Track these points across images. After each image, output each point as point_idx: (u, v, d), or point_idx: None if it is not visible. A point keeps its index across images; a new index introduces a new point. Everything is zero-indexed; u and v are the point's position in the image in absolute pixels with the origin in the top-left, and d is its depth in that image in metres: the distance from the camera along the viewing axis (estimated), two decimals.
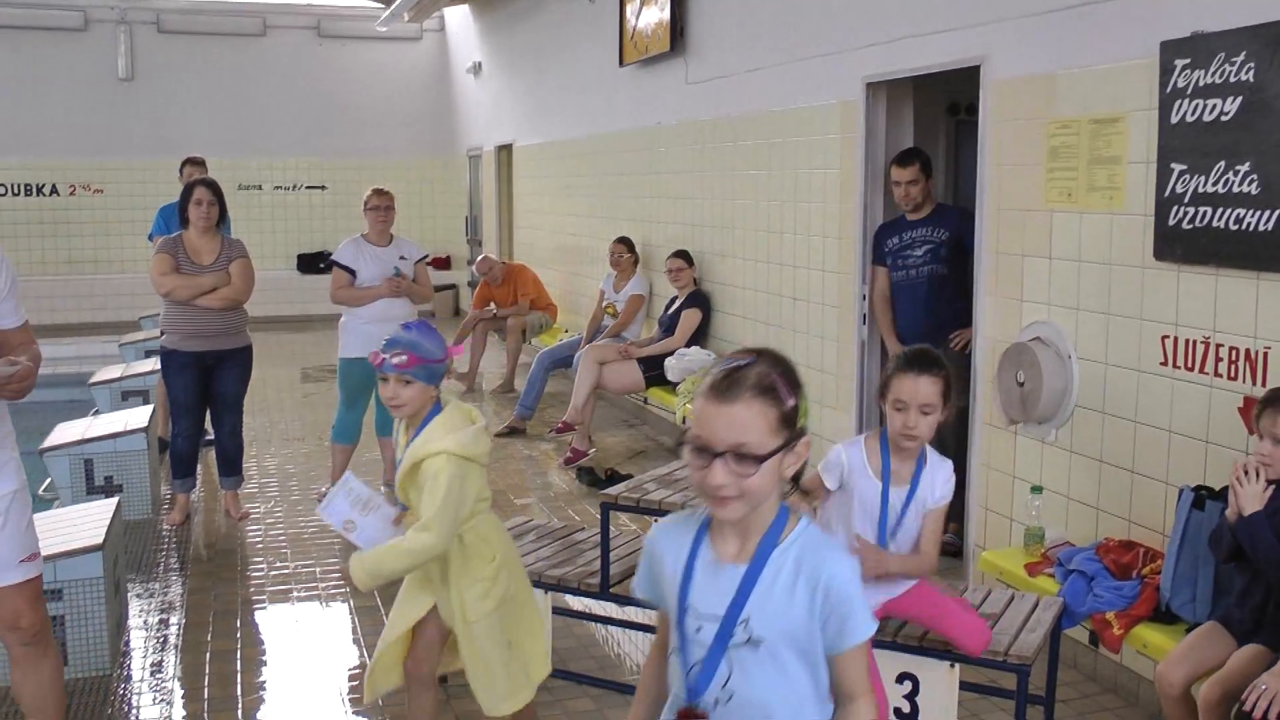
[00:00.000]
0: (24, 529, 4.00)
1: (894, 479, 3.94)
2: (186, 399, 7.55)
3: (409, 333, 4.11)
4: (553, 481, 8.83)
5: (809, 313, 7.72)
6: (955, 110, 7.99)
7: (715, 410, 2.32)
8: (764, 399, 2.32)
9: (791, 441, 2.35)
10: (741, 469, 2.29)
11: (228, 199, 7.78)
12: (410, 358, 4.01)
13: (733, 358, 2.43)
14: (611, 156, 11.86)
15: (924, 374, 3.81)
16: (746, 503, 2.33)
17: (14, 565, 3.95)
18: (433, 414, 4.12)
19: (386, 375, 4.04)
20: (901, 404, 3.81)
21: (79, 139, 18.38)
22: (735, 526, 2.41)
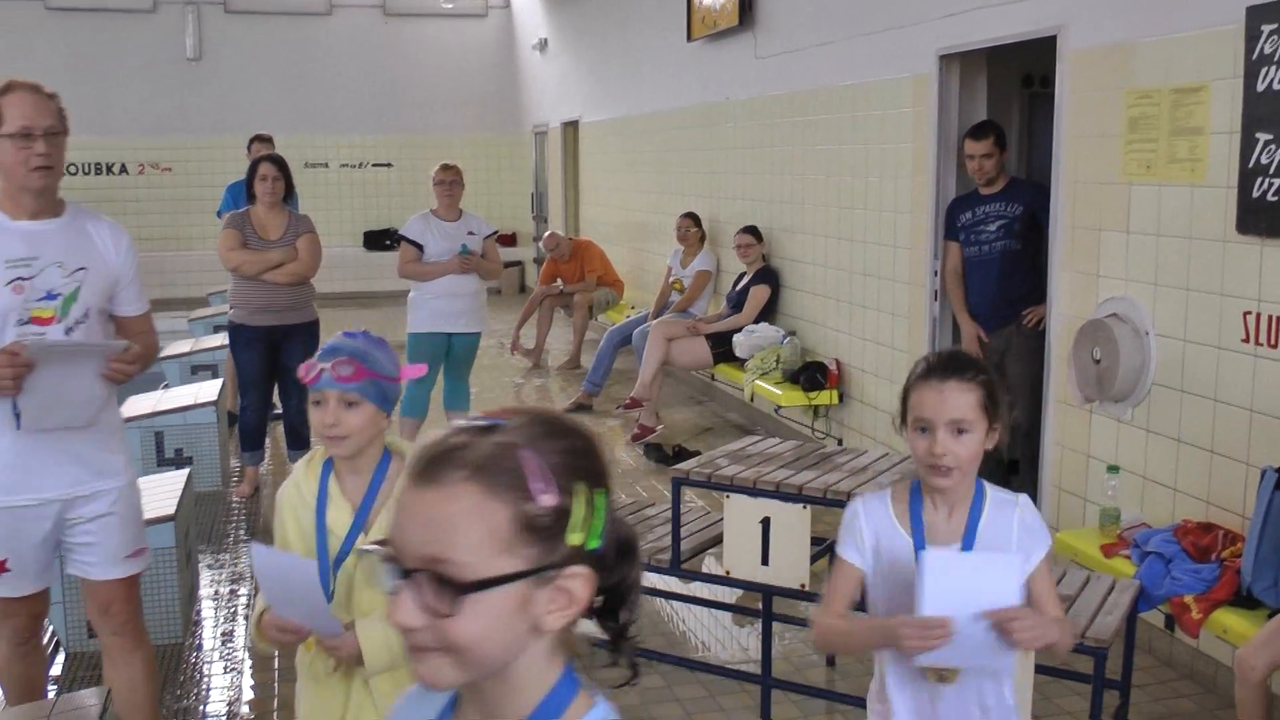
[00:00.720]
0: (132, 523, 3.98)
1: (933, 533, 2.89)
2: (254, 373, 7.60)
3: (354, 340, 3.09)
4: (620, 457, 8.81)
5: (880, 289, 7.63)
6: (1030, 82, 7.86)
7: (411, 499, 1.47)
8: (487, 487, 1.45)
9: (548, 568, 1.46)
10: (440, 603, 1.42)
11: (294, 176, 7.81)
12: (358, 369, 2.99)
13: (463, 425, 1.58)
14: (679, 132, 11.79)
15: (951, 380, 2.79)
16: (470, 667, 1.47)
17: (119, 561, 3.92)
18: (384, 463, 3.07)
19: (324, 394, 3.00)
20: (925, 423, 2.80)
21: (147, 119, 18.56)
22: None
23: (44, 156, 3.60)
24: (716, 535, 5.04)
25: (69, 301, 3.69)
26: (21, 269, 3.63)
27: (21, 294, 3.62)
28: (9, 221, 3.67)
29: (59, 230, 3.73)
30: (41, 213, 3.71)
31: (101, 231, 3.84)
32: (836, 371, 8.11)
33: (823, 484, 4.54)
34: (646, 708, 4.82)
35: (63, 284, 3.68)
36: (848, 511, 3.01)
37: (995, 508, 2.90)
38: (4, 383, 3.46)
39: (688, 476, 4.82)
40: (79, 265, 3.73)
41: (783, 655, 5.24)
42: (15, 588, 3.81)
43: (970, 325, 6.70)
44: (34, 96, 3.63)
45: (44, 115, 3.63)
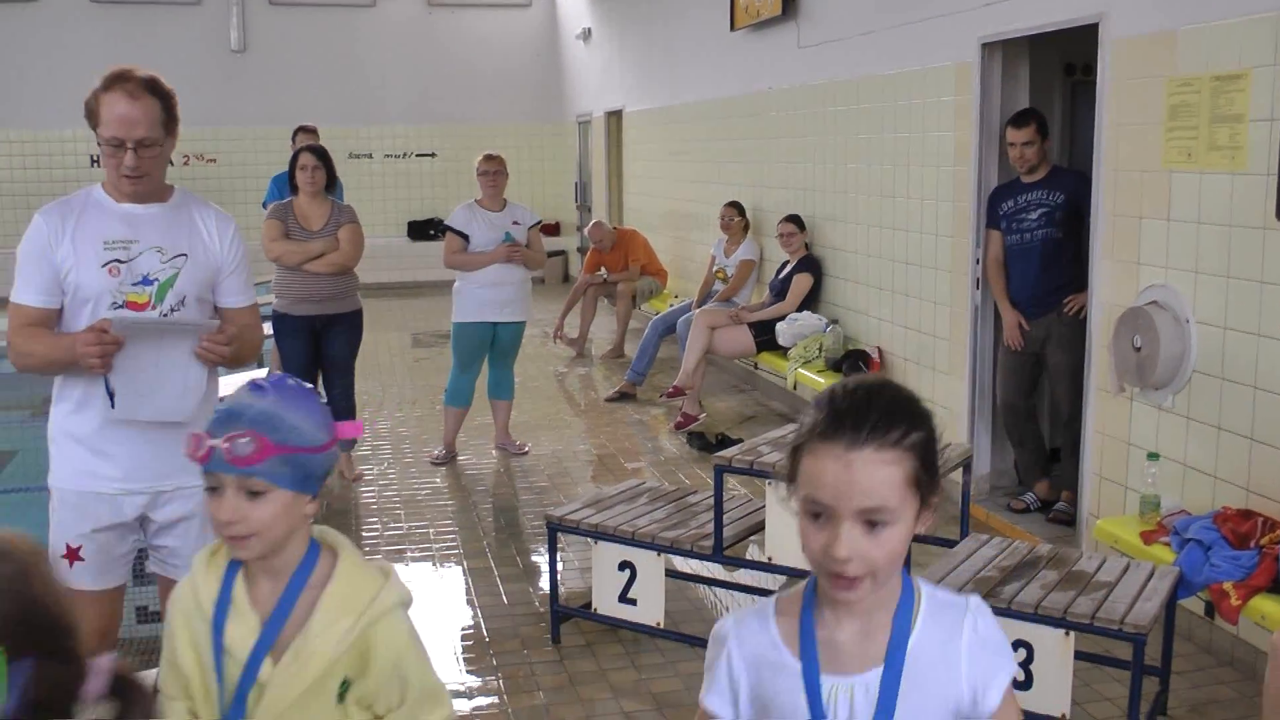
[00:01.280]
0: None
1: (835, 658, 1.97)
2: (298, 361, 7.69)
3: (260, 399, 2.30)
4: (663, 446, 8.87)
5: (921, 277, 7.66)
6: (1071, 70, 7.84)
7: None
8: None
9: None
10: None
11: (339, 167, 7.88)
12: (263, 445, 2.24)
13: None
14: (722, 121, 11.82)
15: (867, 447, 1.86)
16: None
17: None
18: (309, 563, 2.42)
19: (219, 479, 2.27)
20: (821, 508, 1.88)
21: (192, 110, 18.23)
22: None
23: (131, 169, 3.53)
24: (758, 522, 5.09)
25: (165, 288, 3.61)
26: (119, 251, 3.56)
27: (117, 276, 3.55)
28: (112, 204, 3.62)
29: (161, 215, 3.66)
30: (146, 197, 3.64)
31: (208, 219, 3.75)
32: (879, 359, 8.14)
33: None
34: (690, 693, 4.87)
35: (160, 269, 3.61)
36: (713, 640, 2.09)
37: (932, 618, 1.98)
38: (91, 360, 3.40)
39: (730, 464, 4.87)
40: (179, 251, 3.65)
41: None
42: (88, 579, 3.67)
43: (1011, 313, 6.72)
44: (132, 103, 3.51)
45: (138, 126, 3.50)
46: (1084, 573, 4.45)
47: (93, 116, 3.55)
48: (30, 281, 3.55)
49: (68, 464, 3.66)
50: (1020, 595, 4.23)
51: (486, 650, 5.34)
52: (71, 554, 3.64)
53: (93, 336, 3.40)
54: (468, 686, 4.99)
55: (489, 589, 6.07)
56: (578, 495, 7.37)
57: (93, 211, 3.59)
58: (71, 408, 3.64)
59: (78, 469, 3.64)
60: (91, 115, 3.55)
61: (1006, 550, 4.71)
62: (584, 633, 5.46)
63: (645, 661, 5.18)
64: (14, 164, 18.13)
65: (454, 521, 7.13)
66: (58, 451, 3.69)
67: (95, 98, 3.54)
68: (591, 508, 5.43)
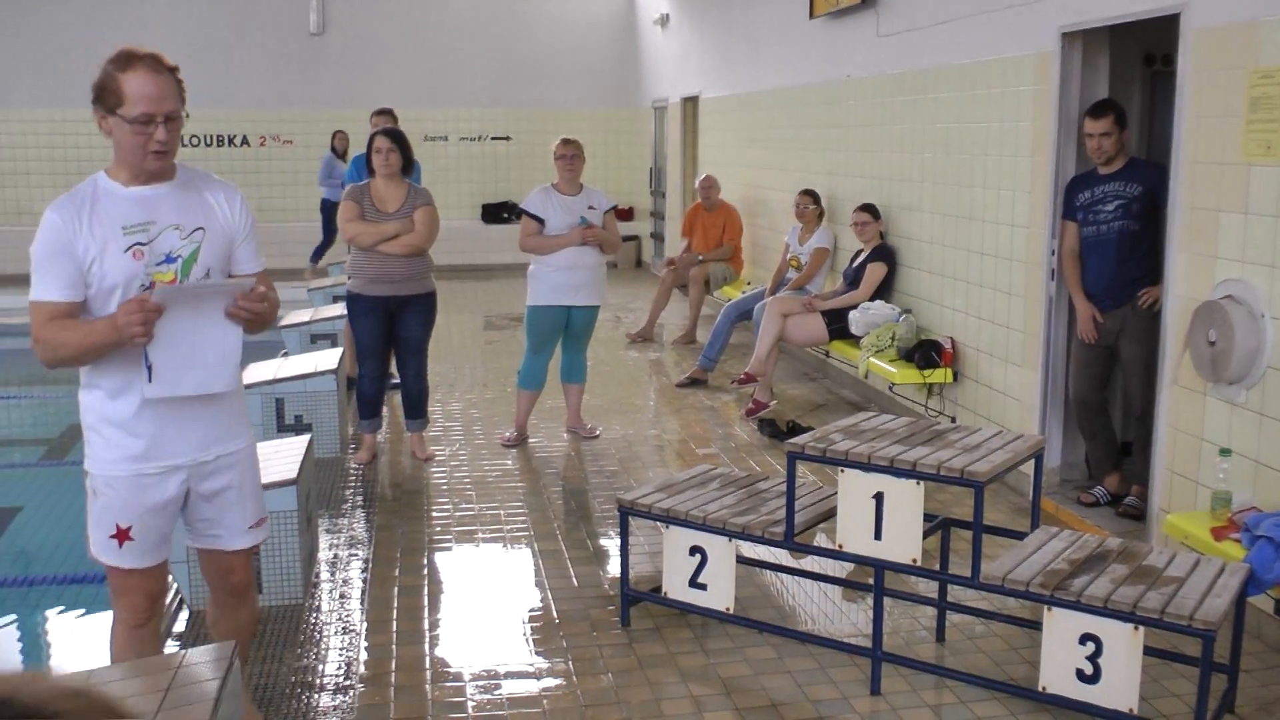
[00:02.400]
0: (253, 495, 4.01)
1: None
2: (371, 342, 7.79)
3: None
4: (734, 432, 8.90)
5: (996, 268, 7.62)
6: (1151, 61, 7.77)
7: None
8: None
9: None
10: None
11: (415, 150, 7.95)
12: None
13: None
14: (799, 109, 11.81)
15: None
16: None
17: (243, 531, 3.99)
18: None
19: None
20: None
21: (270, 91, 18.98)
22: None
23: (162, 143, 3.58)
24: (828, 510, 5.11)
25: (189, 263, 3.69)
26: (139, 234, 3.62)
27: (142, 259, 3.61)
28: (122, 189, 3.66)
29: (172, 193, 3.72)
30: (154, 178, 3.69)
31: (215, 192, 3.83)
32: (951, 350, 8.12)
33: (935, 460, 4.59)
34: (758, 678, 4.92)
35: (181, 246, 3.68)
36: None
37: None
38: (135, 329, 3.43)
39: (802, 451, 4.89)
40: (196, 226, 3.72)
41: (893, 629, 5.31)
42: (139, 558, 3.80)
43: (1085, 305, 6.68)
44: (156, 78, 3.55)
45: (166, 100, 3.56)
46: (1153, 567, 4.44)
47: (111, 96, 3.56)
48: (52, 277, 3.56)
49: (110, 450, 3.72)
50: (1090, 589, 4.22)
51: (556, 632, 5.40)
52: (121, 534, 3.74)
53: (134, 305, 3.44)
54: (537, 668, 5.06)
55: (559, 571, 6.14)
56: (648, 480, 7.42)
57: (105, 199, 3.63)
58: (106, 395, 3.69)
59: (121, 455, 3.71)
60: (108, 96, 3.56)
61: (1076, 543, 4.71)
62: (653, 616, 5.51)
63: (714, 646, 5.22)
64: (93, 143, 18.39)
65: (524, 504, 7.20)
66: (97, 438, 3.74)
67: (112, 78, 3.54)
68: (662, 492, 5.47)
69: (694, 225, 13.15)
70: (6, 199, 18.84)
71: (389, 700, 4.76)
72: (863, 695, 4.77)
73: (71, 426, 9.79)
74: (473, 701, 4.75)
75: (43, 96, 18.54)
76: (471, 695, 4.80)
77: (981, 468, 4.55)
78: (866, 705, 4.70)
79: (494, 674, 4.99)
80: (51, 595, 6.41)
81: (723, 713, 4.65)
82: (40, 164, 18.70)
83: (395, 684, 4.90)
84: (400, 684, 4.90)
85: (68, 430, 9.72)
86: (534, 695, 4.80)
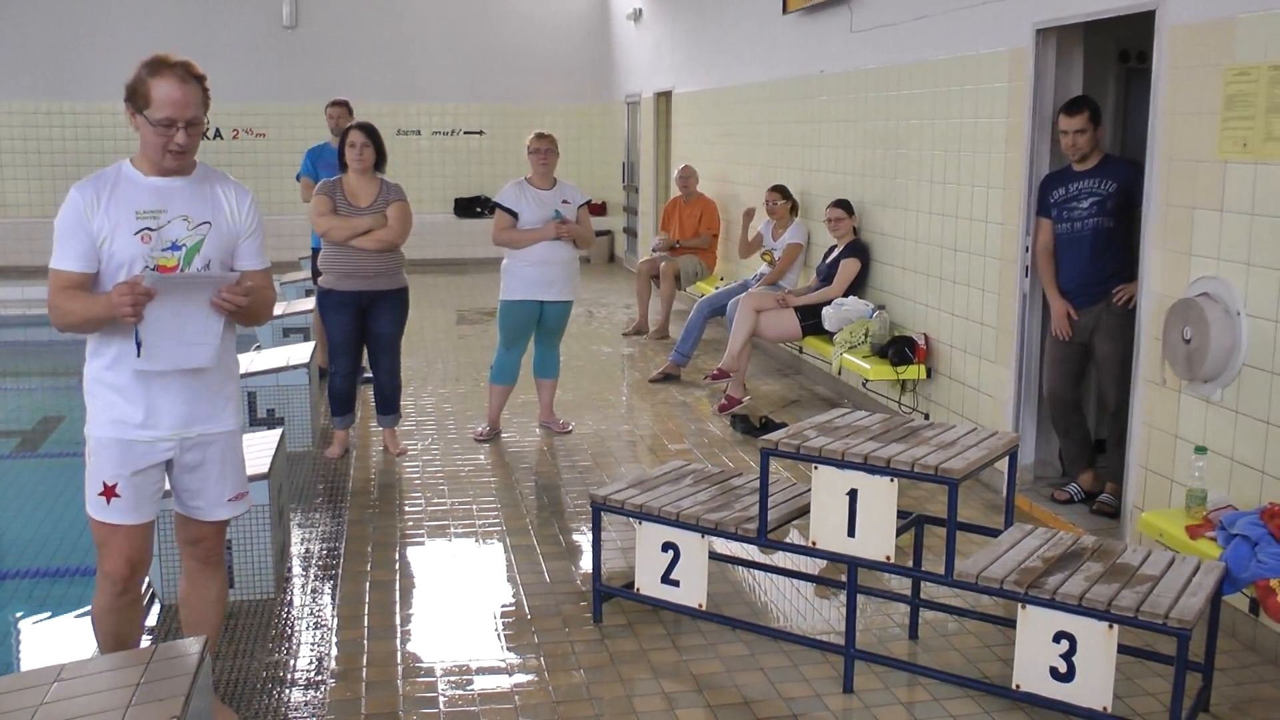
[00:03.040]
0: (236, 468, 4.27)
1: None
2: (343, 337, 7.75)
3: None
4: (707, 428, 8.87)
5: (970, 264, 7.62)
6: (1126, 57, 7.78)
7: None
8: None
9: None
10: None
11: (387, 144, 7.90)
12: None
13: None
14: (772, 105, 11.79)
15: None
16: None
17: (222, 503, 4.24)
18: None
19: None
20: None
21: (244, 85, 18.88)
22: None
23: (181, 145, 3.89)
24: (802, 506, 5.09)
25: (192, 252, 3.97)
26: (149, 220, 3.92)
27: (148, 243, 3.90)
28: (141, 178, 3.96)
29: (186, 187, 4.01)
30: (173, 171, 3.98)
31: (228, 191, 4.11)
32: (925, 346, 8.11)
33: (910, 458, 4.58)
34: (730, 675, 4.89)
35: (187, 236, 3.97)
36: None
37: None
38: (124, 309, 3.71)
39: (776, 447, 4.86)
40: (203, 220, 4.01)
41: (865, 627, 5.29)
42: (124, 514, 4.05)
43: (1060, 302, 6.68)
44: (183, 87, 3.87)
45: (189, 107, 3.88)
46: (1128, 565, 4.43)
47: (140, 98, 3.87)
48: (68, 249, 3.88)
49: (105, 413, 4.02)
50: (1064, 586, 4.21)
51: (528, 627, 5.37)
52: (109, 491, 4.02)
53: (126, 288, 3.73)
54: (509, 663, 5.02)
55: (531, 567, 6.10)
56: (620, 475, 7.40)
57: (124, 185, 3.95)
58: (106, 362, 3.99)
59: (114, 418, 4.00)
60: (138, 98, 3.88)
61: (1051, 541, 4.70)
62: (625, 612, 5.48)
63: (686, 643, 5.20)
64: (66, 135, 18.32)
65: (497, 499, 7.17)
66: (94, 402, 4.04)
67: (143, 82, 3.87)
68: (636, 488, 5.44)
69: (671, 217, 13.13)
70: None
71: (360, 695, 4.73)
72: (835, 693, 4.75)
73: (45, 419, 9.71)
74: (444, 697, 4.71)
75: (15, 88, 18.40)
76: (443, 690, 4.77)
77: (956, 465, 4.53)
78: (839, 703, 4.68)
79: (466, 669, 4.96)
80: (24, 590, 6.38)
81: (695, 709, 4.62)
82: (14, 155, 18.56)
83: (367, 679, 4.86)
84: (372, 679, 4.86)
85: (41, 423, 9.64)
86: (506, 691, 4.77)
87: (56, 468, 3.98)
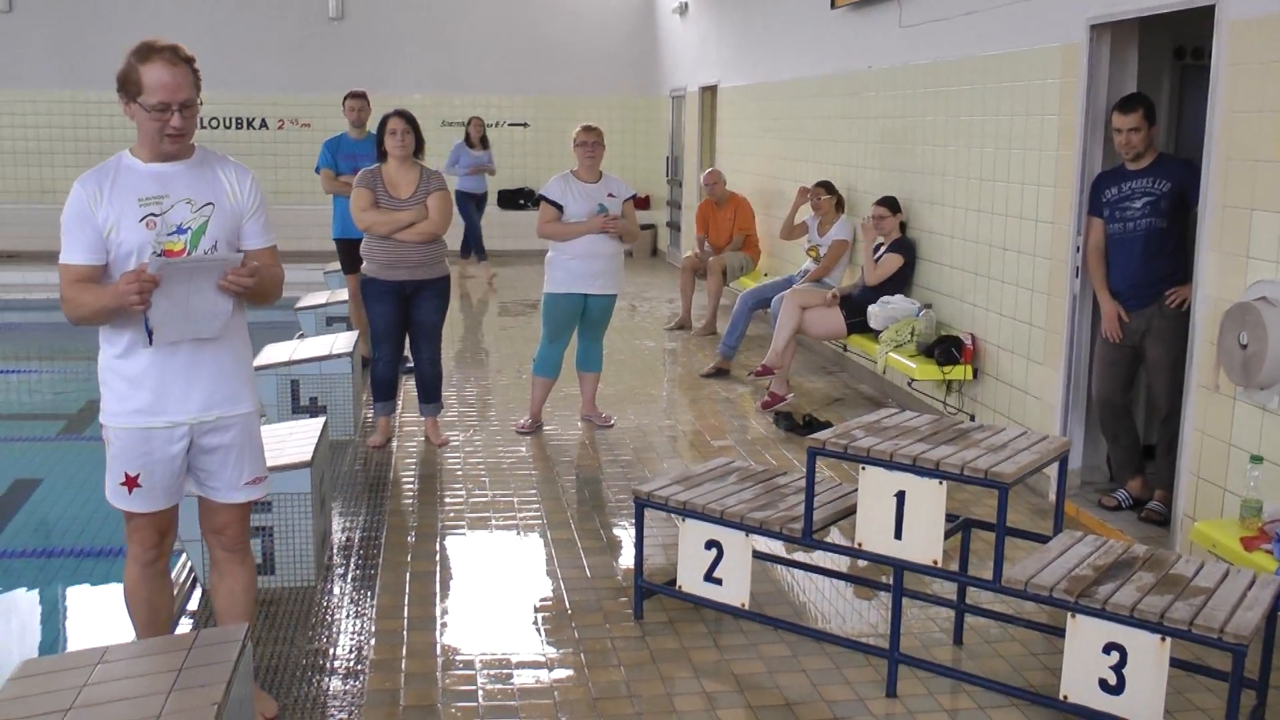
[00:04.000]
0: (254, 452, 4.26)
1: None
2: (385, 326, 7.75)
3: None
4: (749, 424, 8.81)
5: (1019, 264, 7.52)
6: (1182, 54, 7.65)
7: None
8: None
9: None
10: None
11: (431, 135, 7.87)
12: None
13: None
14: (819, 100, 11.70)
15: None
16: None
17: (239, 486, 4.22)
18: None
19: None
20: None
21: (289, 75, 18.99)
22: None
23: (177, 128, 3.91)
24: (847, 507, 5.02)
25: (198, 235, 3.99)
26: (153, 206, 3.94)
27: (154, 229, 3.92)
28: (141, 165, 3.98)
29: (187, 170, 4.02)
30: (171, 157, 4.00)
31: (227, 171, 4.12)
32: (972, 346, 8.02)
33: (960, 460, 4.50)
34: (772, 676, 4.84)
35: (191, 219, 3.98)
36: None
37: None
38: (132, 298, 3.73)
39: (823, 446, 4.80)
40: (206, 201, 4.02)
41: (908, 631, 5.22)
42: (145, 503, 4.09)
43: (1110, 304, 6.57)
44: (173, 70, 3.87)
45: (182, 89, 3.89)
46: (1182, 576, 4.33)
47: (132, 85, 3.89)
48: (76, 243, 3.91)
49: (120, 403, 4.03)
50: (1115, 596, 4.12)
51: (568, 622, 5.33)
52: (130, 481, 4.05)
53: (132, 276, 3.74)
54: (548, 658, 4.98)
55: (572, 561, 6.06)
56: (662, 470, 7.36)
57: (125, 174, 3.97)
58: (119, 351, 4.01)
59: (130, 408, 4.02)
60: (130, 84, 3.90)
61: (1101, 549, 4.60)
62: (666, 610, 5.43)
63: (727, 642, 5.14)
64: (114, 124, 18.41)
65: (538, 491, 7.13)
66: (110, 392, 4.06)
67: (134, 69, 3.88)
68: (680, 485, 5.39)
69: (706, 222, 13.07)
70: (31, 178, 18.90)
71: (399, 686, 4.71)
72: (878, 697, 4.69)
73: (90, 401, 9.79)
74: (483, 690, 4.68)
75: (65, 77, 18.56)
76: (482, 684, 4.73)
77: (1007, 469, 4.46)
78: (882, 707, 4.62)
79: (505, 663, 4.92)
80: (69, 568, 6.54)
81: (736, 710, 4.57)
82: (64, 144, 18.74)
83: (405, 670, 4.84)
84: (411, 671, 4.84)
85: (87, 405, 9.71)
86: (545, 686, 4.73)
87: (100, 450, 4.07)
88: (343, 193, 9.51)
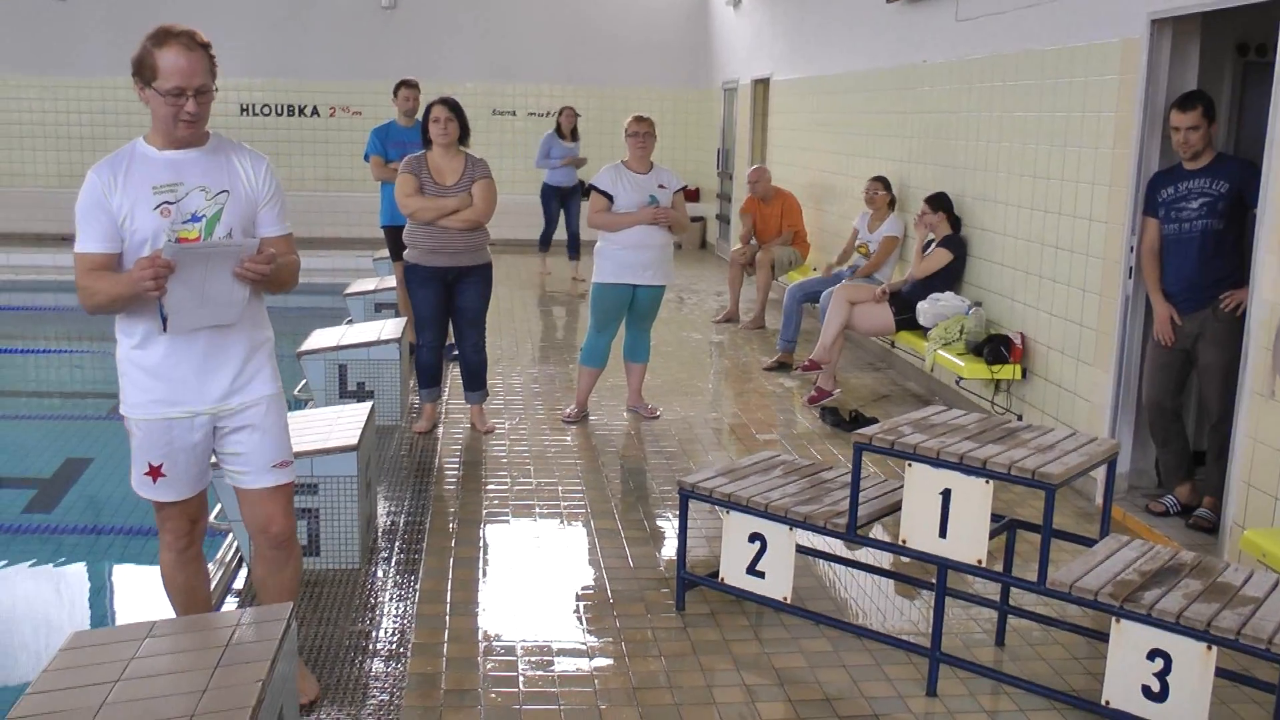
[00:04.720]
0: (278, 434, 4.23)
1: None
2: (429, 312, 7.79)
3: None
4: (795, 418, 8.79)
5: (1071, 263, 7.45)
6: (1244, 50, 7.53)
7: None
8: None
9: None
10: None
11: (482, 124, 7.90)
12: None
13: None
14: (872, 94, 11.64)
15: None
16: None
17: (266, 469, 4.20)
18: None
19: None
20: None
21: (341, 63, 19.10)
22: None
23: (192, 114, 3.89)
24: (892, 504, 4.99)
25: (212, 222, 3.97)
26: (167, 194, 3.92)
27: (168, 217, 3.90)
28: (155, 153, 3.96)
29: (201, 157, 4.00)
30: (185, 144, 3.98)
31: (243, 158, 4.10)
32: (1021, 346, 7.96)
33: (1007, 459, 4.46)
34: (813, 670, 4.82)
35: (206, 206, 3.96)
36: None
37: None
38: (147, 284, 3.71)
39: (870, 442, 4.77)
40: (221, 189, 4.00)
41: (950, 630, 5.19)
42: (172, 492, 4.14)
43: (1163, 306, 6.50)
44: (189, 55, 3.85)
45: (196, 75, 3.86)
46: (1229, 585, 4.28)
47: (147, 71, 3.86)
48: (91, 231, 3.89)
49: (140, 394, 4.04)
50: (1161, 602, 4.08)
51: (610, 611, 5.33)
52: (154, 471, 4.09)
53: (146, 262, 3.72)
54: (589, 646, 4.99)
55: (615, 551, 6.07)
56: (707, 463, 7.35)
57: (139, 162, 3.95)
58: (136, 341, 4.01)
59: (150, 398, 4.03)
60: (145, 70, 3.87)
61: (1148, 554, 4.55)
62: (708, 601, 5.43)
63: (769, 635, 5.13)
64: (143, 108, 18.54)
65: (582, 481, 7.14)
66: (129, 383, 4.06)
67: (149, 54, 3.86)
68: (724, 477, 5.38)
69: (753, 218, 13.03)
70: (86, 163, 19.01)
71: (440, 670, 4.73)
72: (918, 695, 4.67)
73: None
74: (524, 677, 4.69)
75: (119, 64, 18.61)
76: (523, 670, 4.75)
77: (1055, 470, 4.41)
78: (922, 705, 4.59)
79: (546, 650, 4.93)
80: (119, 545, 6.67)
81: (776, 703, 4.56)
82: (118, 129, 18.88)
83: (447, 655, 4.86)
84: (452, 655, 4.86)
85: None
86: (585, 674, 4.74)
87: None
88: (391, 179, 9.56)
